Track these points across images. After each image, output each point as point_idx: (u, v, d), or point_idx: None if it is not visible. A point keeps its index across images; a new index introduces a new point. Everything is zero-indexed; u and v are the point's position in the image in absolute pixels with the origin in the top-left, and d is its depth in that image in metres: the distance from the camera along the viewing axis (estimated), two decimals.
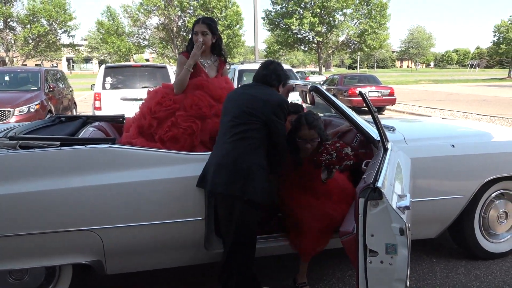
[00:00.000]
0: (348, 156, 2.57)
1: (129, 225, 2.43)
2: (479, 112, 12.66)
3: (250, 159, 2.36)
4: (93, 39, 37.96)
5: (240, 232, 2.40)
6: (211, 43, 3.07)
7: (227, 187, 2.34)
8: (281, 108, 2.46)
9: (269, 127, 2.42)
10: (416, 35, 70.91)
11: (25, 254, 2.37)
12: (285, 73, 2.70)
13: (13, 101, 8.06)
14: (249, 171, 2.33)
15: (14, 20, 29.18)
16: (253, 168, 2.34)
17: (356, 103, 12.64)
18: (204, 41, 2.98)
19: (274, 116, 2.43)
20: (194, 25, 3.07)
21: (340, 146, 2.58)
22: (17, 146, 2.41)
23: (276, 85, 2.63)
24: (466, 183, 3.07)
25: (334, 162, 2.57)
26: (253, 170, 2.34)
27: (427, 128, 3.96)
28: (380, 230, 1.89)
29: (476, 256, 3.29)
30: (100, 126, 3.42)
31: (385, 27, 29.40)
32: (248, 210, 2.36)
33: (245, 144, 2.38)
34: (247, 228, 2.41)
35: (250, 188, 2.32)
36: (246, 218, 2.38)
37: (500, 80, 37.78)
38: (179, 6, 28.15)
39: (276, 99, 2.48)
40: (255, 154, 2.38)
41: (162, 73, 8.39)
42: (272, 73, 2.61)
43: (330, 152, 2.55)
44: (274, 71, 2.62)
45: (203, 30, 3.00)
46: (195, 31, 3.03)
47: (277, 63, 2.72)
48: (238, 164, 2.34)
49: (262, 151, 2.43)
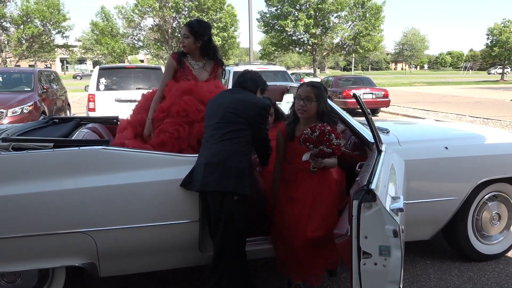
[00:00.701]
0: (330, 143, 2.38)
1: (123, 227, 2.42)
2: (473, 114, 12.74)
3: (239, 158, 2.45)
4: (87, 40, 37.79)
5: (228, 231, 2.43)
6: (195, 47, 3.08)
7: (218, 184, 2.39)
8: (266, 111, 2.60)
9: (253, 128, 2.53)
10: (410, 38, 71.31)
11: (18, 256, 2.35)
12: (262, 79, 2.82)
13: (6, 102, 7.99)
14: (239, 169, 2.42)
15: (7, 21, 28.94)
16: (242, 166, 2.44)
17: (350, 105, 12.68)
18: (185, 43, 3.09)
19: (259, 117, 2.55)
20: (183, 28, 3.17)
21: (329, 131, 2.41)
22: (10, 148, 2.39)
23: (254, 90, 2.71)
24: (460, 185, 3.09)
25: (311, 140, 2.41)
26: (242, 168, 2.44)
27: (421, 130, 3.98)
28: (373, 232, 1.89)
29: (469, 258, 3.31)
30: (94, 128, 3.41)
31: (379, 30, 29.54)
32: (236, 206, 2.41)
33: (233, 144, 2.47)
34: (235, 226, 2.43)
35: (241, 184, 2.42)
36: (235, 215, 2.42)
37: (493, 82, 38.07)
38: (174, 7, 28.10)
39: (261, 102, 2.62)
40: (243, 154, 2.49)
41: (156, 75, 8.36)
42: (249, 80, 2.72)
43: (315, 129, 2.42)
44: (250, 78, 2.73)
45: (184, 32, 3.08)
46: (181, 34, 3.19)
47: (253, 72, 2.84)
48: (229, 163, 2.42)
49: (249, 150, 2.55)
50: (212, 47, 3.16)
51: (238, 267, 2.49)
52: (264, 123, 2.60)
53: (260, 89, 2.78)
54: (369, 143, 2.75)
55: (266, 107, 2.61)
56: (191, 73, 3.10)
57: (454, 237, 3.27)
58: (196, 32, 3.05)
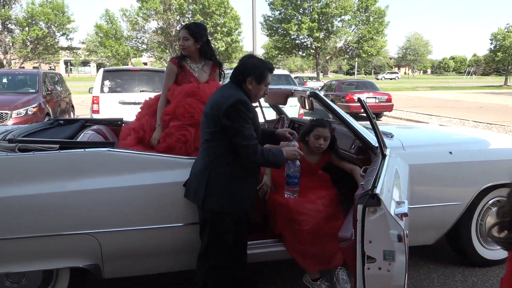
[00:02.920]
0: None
1: (127, 229, 2.42)
2: (476, 119, 12.71)
3: (212, 167, 2.28)
4: (91, 42, 37.95)
5: (210, 242, 2.36)
6: (195, 49, 3.15)
7: (194, 196, 2.35)
8: (233, 109, 2.18)
9: (227, 133, 2.23)
10: (414, 42, 71.24)
11: (22, 257, 2.36)
12: (256, 67, 2.33)
13: (11, 104, 8.03)
14: (209, 179, 2.28)
15: (12, 23, 29.13)
16: (213, 176, 2.28)
17: (353, 109, 12.67)
18: (185, 46, 3.12)
19: (225, 118, 2.18)
20: (179, 31, 3.21)
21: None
22: (16, 149, 2.41)
23: (242, 82, 2.32)
24: (464, 190, 3.08)
25: None
26: (213, 178, 2.28)
27: (425, 134, 3.98)
28: (378, 236, 1.89)
29: (473, 263, 3.30)
30: (99, 130, 3.42)
31: (382, 34, 29.57)
32: (214, 219, 2.32)
33: (210, 152, 2.31)
34: (217, 239, 2.35)
35: (209, 197, 2.28)
36: (218, 229, 2.33)
37: (497, 87, 37.99)
38: (178, 10, 28.20)
39: (229, 100, 2.20)
40: (219, 162, 2.28)
41: (160, 77, 8.39)
42: (239, 67, 2.35)
43: None
44: (241, 64, 2.36)
45: (184, 35, 3.13)
46: (179, 36, 3.18)
47: (251, 56, 2.47)
48: (202, 173, 2.31)
49: (228, 157, 2.28)
50: (210, 48, 3.24)
51: (222, 275, 2.42)
52: (237, 123, 2.18)
53: (252, 79, 2.31)
54: (373, 147, 2.75)
55: (235, 103, 2.18)
56: (192, 75, 3.17)
57: (458, 242, 3.26)
58: (195, 34, 3.12)
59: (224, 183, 2.29)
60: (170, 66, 3.20)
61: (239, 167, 2.30)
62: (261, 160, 2.25)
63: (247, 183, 2.39)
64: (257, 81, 2.32)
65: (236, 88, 2.32)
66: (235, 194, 2.33)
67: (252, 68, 2.32)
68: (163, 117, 3.09)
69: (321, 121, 2.88)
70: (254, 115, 2.30)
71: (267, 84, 2.38)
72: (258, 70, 2.32)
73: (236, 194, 2.33)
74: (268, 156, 2.27)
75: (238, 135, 2.19)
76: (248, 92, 2.34)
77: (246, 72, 2.32)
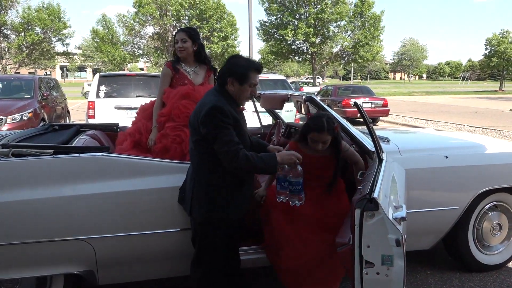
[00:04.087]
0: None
1: (122, 235, 2.40)
2: (472, 124, 12.77)
3: (196, 176, 2.26)
4: (88, 48, 37.95)
5: (200, 248, 2.35)
6: (192, 51, 3.19)
7: (185, 204, 2.36)
8: (208, 116, 2.11)
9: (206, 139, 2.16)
10: (409, 48, 71.69)
11: (16, 263, 2.33)
12: (234, 66, 2.22)
13: (5, 109, 7.99)
14: (194, 188, 2.26)
15: (8, 28, 29.07)
16: (197, 185, 2.25)
17: (350, 113, 12.70)
18: (184, 47, 3.14)
19: (202, 126, 2.13)
20: (175, 34, 3.23)
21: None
22: (9, 154, 2.38)
23: (224, 83, 2.23)
24: (460, 195, 3.08)
25: None
26: (197, 187, 2.25)
27: (421, 139, 3.98)
28: (376, 241, 1.88)
29: (470, 268, 3.29)
30: (94, 135, 3.41)
31: (378, 40, 29.73)
32: (202, 227, 2.30)
33: (193, 161, 2.30)
34: (207, 246, 2.32)
35: (194, 206, 2.26)
36: (203, 235, 2.31)
37: (492, 92, 38.21)
38: (175, 16, 28.27)
39: (204, 107, 2.14)
40: (202, 171, 2.24)
41: (156, 82, 8.35)
42: (221, 70, 2.28)
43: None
44: (223, 66, 2.27)
45: (182, 37, 3.16)
46: (176, 39, 3.19)
47: (233, 56, 2.34)
48: (189, 182, 2.31)
49: (211, 166, 2.21)
50: (204, 51, 3.30)
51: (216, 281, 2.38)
52: (214, 130, 2.11)
53: (233, 80, 2.20)
54: (370, 151, 2.74)
55: (208, 111, 2.10)
56: (187, 78, 3.22)
57: (454, 247, 3.25)
58: (193, 36, 3.18)
59: (207, 192, 2.23)
60: (165, 69, 3.24)
61: (224, 175, 2.21)
62: (245, 165, 2.12)
63: (237, 191, 2.28)
64: (239, 81, 2.21)
65: (216, 93, 2.23)
66: (221, 202, 2.24)
67: (233, 68, 2.22)
68: (159, 119, 3.12)
69: (317, 123, 2.51)
70: (237, 120, 2.20)
71: (252, 84, 2.24)
72: (240, 70, 2.20)
73: (223, 202, 2.24)
74: (255, 161, 2.13)
75: (216, 141, 2.11)
76: (232, 94, 2.24)
77: (226, 72, 2.23)
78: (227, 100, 2.21)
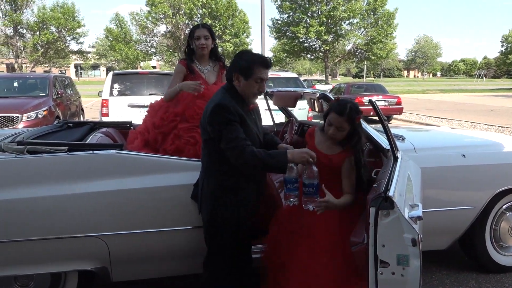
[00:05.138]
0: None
1: (135, 232, 2.41)
2: (487, 122, 12.55)
3: (206, 176, 2.27)
4: (101, 46, 38.35)
5: (211, 247, 2.34)
6: (211, 48, 3.15)
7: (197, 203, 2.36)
8: (214, 114, 2.10)
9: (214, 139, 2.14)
10: (423, 45, 70.93)
11: (31, 260, 2.35)
12: (238, 62, 2.17)
13: (21, 107, 8.10)
14: (203, 188, 2.28)
15: (24, 27, 29.54)
16: (206, 185, 2.25)
17: (363, 111, 12.58)
18: (206, 45, 3.08)
19: (208, 126, 2.12)
20: (194, 30, 3.14)
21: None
22: (25, 151, 2.41)
23: (230, 79, 2.21)
24: (477, 194, 3.02)
25: None
26: (206, 187, 2.25)
27: (437, 137, 3.92)
28: (391, 240, 1.85)
29: (487, 269, 3.22)
30: (108, 132, 3.42)
31: (391, 37, 29.46)
32: (210, 227, 2.29)
33: (203, 160, 2.30)
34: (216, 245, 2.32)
35: (202, 205, 2.29)
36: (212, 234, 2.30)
37: (508, 90, 37.54)
38: (187, 14, 28.38)
39: (211, 106, 2.13)
40: (210, 169, 2.24)
41: (169, 80, 8.39)
42: (228, 67, 2.25)
43: None
44: (230, 62, 2.24)
45: (205, 34, 3.10)
46: (196, 36, 3.09)
47: (241, 52, 2.28)
48: (200, 181, 2.33)
49: (220, 165, 2.18)
50: (217, 49, 3.26)
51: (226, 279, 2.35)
52: (218, 127, 2.08)
53: (238, 75, 2.16)
54: (385, 149, 2.70)
55: (213, 109, 2.09)
56: (201, 77, 3.16)
57: (471, 247, 3.19)
58: (213, 34, 3.14)
59: (213, 190, 2.22)
60: (179, 67, 3.18)
61: (233, 175, 2.18)
62: (252, 161, 2.04)
63: (244, 191, 2.23)
64: (244, 76, 2.14)
65: (224, 91, 2.21)
66: (226, 202, 2.21)
67: (237, 62, 2.17)
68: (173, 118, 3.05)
69: (340, 105, 2.35)
70: (243, 118, 2.14)
71: (259, 79, 2.15)
72: (244, 64, 2.14)
73: (227, 202, 2.21)
74: (262, 158, 2.04)
75: (222, 139, 2.07)
76: (239, 91, 2.20)
77: (231, 68, 2.20)
78: (234, 98, 2.17)
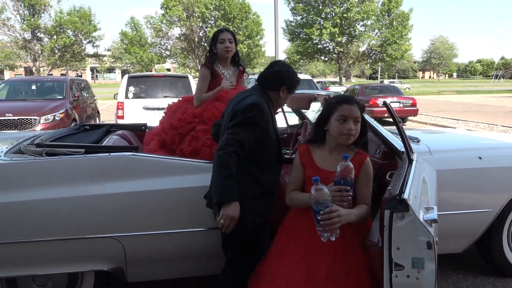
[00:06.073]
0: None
1: (151, 233, 2.44)
2: (505, 124, 12.34)
3: None
4: (117, 49, 38.82)
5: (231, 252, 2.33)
6: (234, 51, 3.18)
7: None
8: (249, 108, 2.13)
9: None
10: (438, 46, 70.05)
11: (49, 260, 2.40)
12: (291, 76, 2.32)
13: (39, 110, 8.27)
14: None
15: (41, 31, 30.11)
16: None
17: (377, 113, 12.50)
18: (231, 48, 3.11)
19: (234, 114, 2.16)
20: (217, 34, 3.16)
21: None
22: (43, 153, 2.46)
23: (274, 89, 2.30)
24: (494, 197, 2.97)
25: None
26: None
27: (453, 139, 3.87)
28: (406, 243, 1.83)
29: (504, 273, 3.17)
30: (123, 135, 3.47)
31: (406, 38, 29.17)
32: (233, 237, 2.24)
33: None
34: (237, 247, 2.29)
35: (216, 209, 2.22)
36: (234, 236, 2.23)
37: None
38: (201, 17, 28.58)
39: (244, 103, 2.15)
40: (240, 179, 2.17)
41: (183, 83, 8.49)
42: (274, 74, 2.31)
43: None
44: (276, 72, 2.31)
45: (229, 37, 3.13)
46: (221, 39, 3.11)
47: (283, 63, 2.41)
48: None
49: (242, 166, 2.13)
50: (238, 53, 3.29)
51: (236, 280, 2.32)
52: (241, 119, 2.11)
53: (285, 88, 2.30)
54: (400, 152, 2.68)
55: (248, 107, 2.13)
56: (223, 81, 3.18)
57: (488, 251, 3.15)
58: (235, 38, 3.19)
59: None
60: (205, 72, 3.16)
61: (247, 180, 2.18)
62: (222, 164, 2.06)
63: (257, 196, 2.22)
64: (288, 90, 2.34)
65: (259, 94, 2.26)
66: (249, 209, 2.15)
67: (288, 77, 2.31)
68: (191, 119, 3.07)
69: (343, 95, 2.14)
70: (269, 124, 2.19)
71: None
72: (293, 80, 2.33)
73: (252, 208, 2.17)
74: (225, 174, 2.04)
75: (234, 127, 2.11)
76: (275, 100, 2.33)
77: (281, 80, 2.30)
78: (267, 103, 2.27)
